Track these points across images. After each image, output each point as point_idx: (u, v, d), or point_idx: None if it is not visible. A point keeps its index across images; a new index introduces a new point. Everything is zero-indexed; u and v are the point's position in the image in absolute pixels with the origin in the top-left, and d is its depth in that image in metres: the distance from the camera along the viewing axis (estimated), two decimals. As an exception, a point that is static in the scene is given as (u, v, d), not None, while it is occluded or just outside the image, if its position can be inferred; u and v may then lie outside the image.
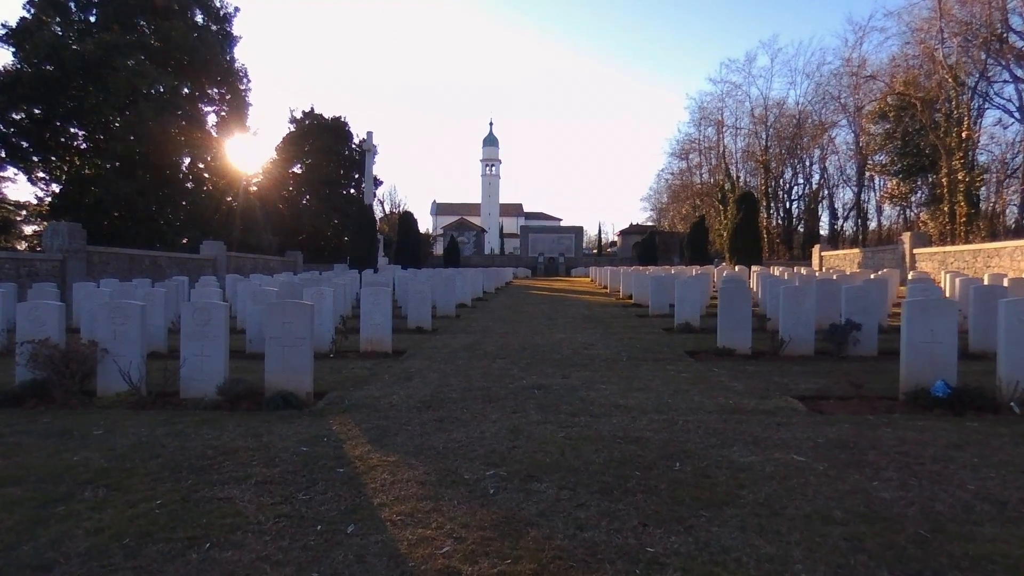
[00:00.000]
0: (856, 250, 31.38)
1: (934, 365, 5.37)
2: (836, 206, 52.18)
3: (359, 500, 3.23)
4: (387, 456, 3.96)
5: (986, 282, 12.21)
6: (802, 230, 54.66)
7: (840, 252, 33.24)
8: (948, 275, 13.52)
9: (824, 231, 53.60)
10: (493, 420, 4.84)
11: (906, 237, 26.45)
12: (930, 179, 34.73)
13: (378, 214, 68.77)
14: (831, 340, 8.16)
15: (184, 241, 32.98)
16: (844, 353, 8.05)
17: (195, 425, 4.74)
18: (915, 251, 25.62)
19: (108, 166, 28.50)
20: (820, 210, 54.29)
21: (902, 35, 36.34)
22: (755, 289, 15.24)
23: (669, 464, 3.74)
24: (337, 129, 50.69)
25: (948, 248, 23.96)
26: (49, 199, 29.28)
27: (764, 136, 51.77)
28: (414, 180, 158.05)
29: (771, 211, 53.33)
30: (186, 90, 30.62)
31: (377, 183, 52.65)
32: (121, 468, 3.74)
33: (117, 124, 27.54)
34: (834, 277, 14.21)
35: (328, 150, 49.53)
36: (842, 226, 54.11)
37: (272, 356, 5.78)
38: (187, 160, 33.43)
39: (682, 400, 5.52)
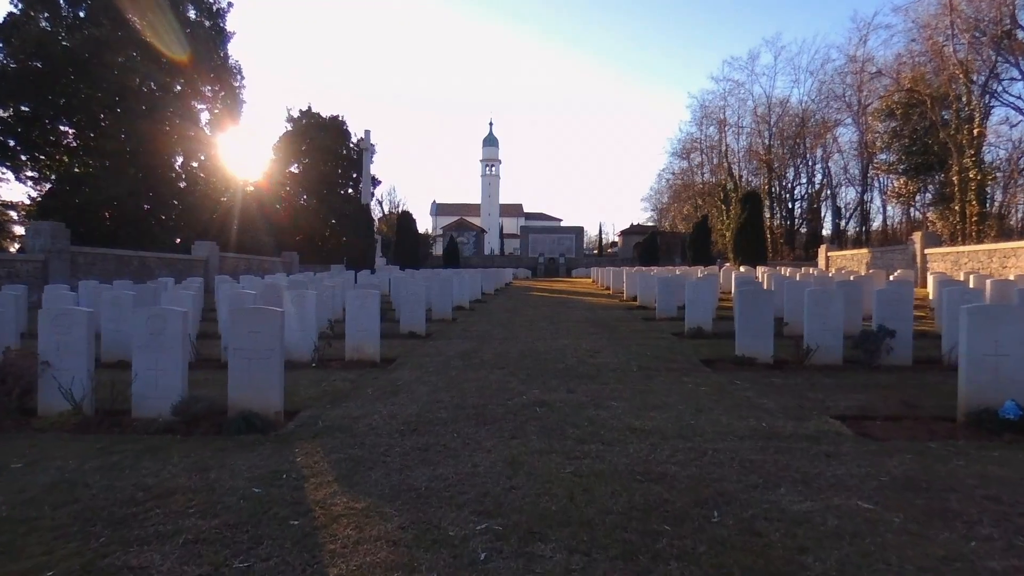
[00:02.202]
0: (864, 250, 30.63)
1: (999, 381, 4.63)
2: (840, 206, 51.50)
3: (310, 570, 2.50)
4: (355, 501, 3.22)
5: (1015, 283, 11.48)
6: (804, 231, 53.96)
7: (847, 252, 32.49)
8: (973, 276, 12.80)
9: (827, 231, 52.94)
10: (488, 449, 4.11)
11: (917, 237, 25.70)
12: (938, 178, 33.99)
13: (377, 214, 68.11)
14: (861, 348, 7.42)
15: (178, 241, 32.29)
16: (876, 362, 7.32)
17: (135, 455, 4.01)
18: (927, 251, 24.87)
19: (97, 164, 27.79)
20: (823, 210, 53.66)
21: (908, 32, 35.65)
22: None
23: (705, 513, 3.01)
24: (335, 128, 49.90)
25: (961, 248, 23.22)
26: (39, 199, 28.60)
27: (767, 135, 51.06)
28: (414, 181, 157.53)
29: (774, 211, 52.61)
30: (178, 87, 29.93)
31: (375, 183, 51.95)
32: (23, 519, 3.01)
33: (106, 121, 26.84)
34: (851, 279, 13.49)
35: (326, 149, 48.76)
36: (845, 226, 53.47)
37: (236, 370, 5.05)
38: (180, 159, 32.75)
39: (707, 421, 4.78)
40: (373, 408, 5.35)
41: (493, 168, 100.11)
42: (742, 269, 26.30)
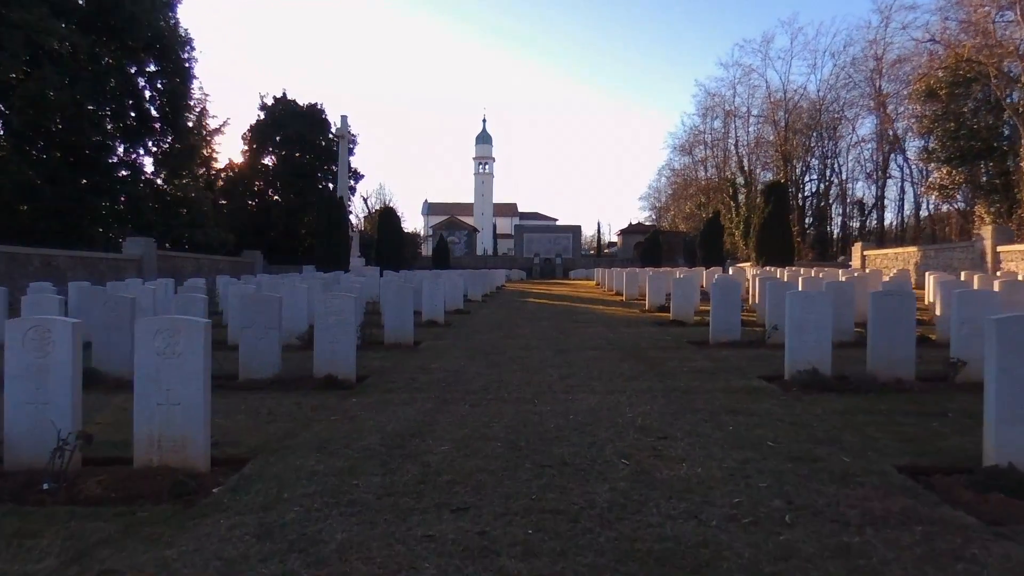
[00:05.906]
0: (912, 248, 26.52)
1: None
2: (864, 201, 47.63)
3: None
4: None
5: None
6: (811, 230, 49.90)
7: (889, 251, 28.39)
8: None
9: (847, 229, 49.10)
10: None
11: (987, 232, 21.64)
12: (988, 166, 29.98)
13: (362, 212, 63.57)
14: None
15: (122, 240, 27.91)
16: None
17: None
18: (999, 249, 20.82)
19: (9, 146, 23.32)
20: (840, 206, 49.81)
21: (940, 11, 31.93)
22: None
23: None
24: (312, 117, 45.52)
25: (1051, 244, 19.15)
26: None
27: (783, 124, 46.94)
28: (407, 180, 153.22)
29: (791, 207, 48.52)
30: (108, 59, 25.45)
31: (357, 176, 47.60)
32: None
33: (16, 92, 22.30)
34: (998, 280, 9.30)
35: (302, 140, 44.46)
36: (864, 223, 49.70)
37: None
38: (121, 144, 28.26)
39: None
40: None
41: (486, 166, 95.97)
42: (767, 270, 22.14)
